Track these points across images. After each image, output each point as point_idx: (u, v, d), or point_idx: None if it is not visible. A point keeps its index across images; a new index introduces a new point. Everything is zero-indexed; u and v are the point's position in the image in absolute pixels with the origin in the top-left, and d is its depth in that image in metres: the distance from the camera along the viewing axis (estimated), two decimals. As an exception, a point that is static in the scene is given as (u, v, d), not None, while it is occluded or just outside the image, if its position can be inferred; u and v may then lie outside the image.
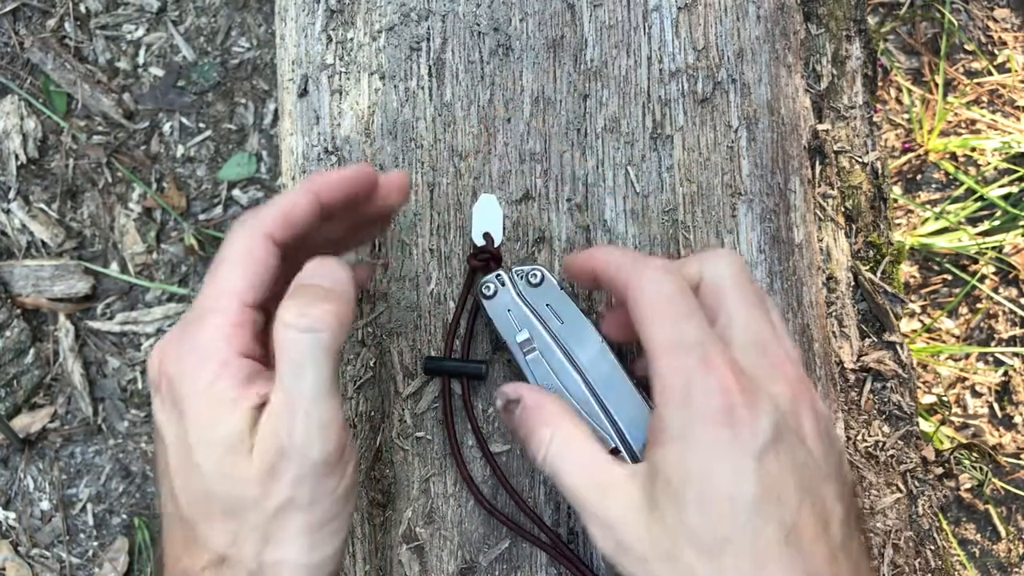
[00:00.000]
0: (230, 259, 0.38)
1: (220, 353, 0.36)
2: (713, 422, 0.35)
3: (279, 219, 0.39)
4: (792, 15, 0.59)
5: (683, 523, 0.34)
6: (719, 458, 0.35)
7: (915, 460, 0.59)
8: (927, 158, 1.20)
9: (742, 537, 0.34)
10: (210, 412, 0.36)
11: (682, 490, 0.35)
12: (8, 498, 1.17)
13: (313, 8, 0.59)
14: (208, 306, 0.38)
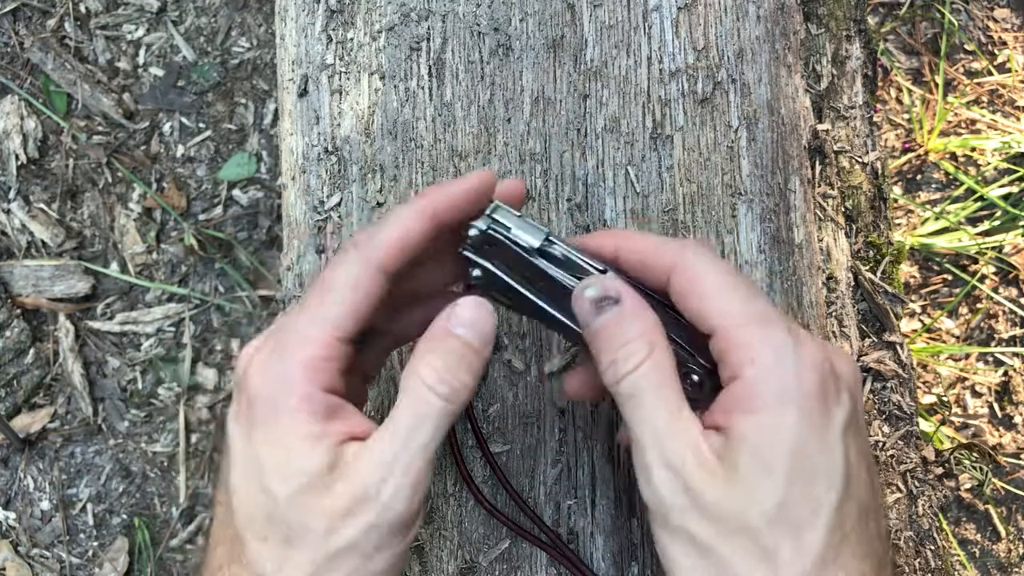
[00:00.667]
0: (337, 287, 0.37)
1: (304, 385, 0.36)
2: (809, 396, 0.35)
3: (394, 249, 0.38)
4: (792, 15, 0.59)
5: (769, 494, 0.34)
6: (813, 433, 0.34)
7: (915, 460, 0.59)
8: (927, 158, 1.20)
9: (827, 515, 0.34)
10: (288, 443, 0.35)
11: (773, 461, 0.34)
12: (8, 498, 1.17)
13: (313, 8, 0.59)
14: (303, 331, 0.37)
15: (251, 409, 0.36)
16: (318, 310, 0.37)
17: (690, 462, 0.35)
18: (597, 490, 0.52)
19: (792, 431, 0.34)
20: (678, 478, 0.35)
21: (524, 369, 0.54)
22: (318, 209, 0.57)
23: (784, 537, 0.33)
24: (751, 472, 0.34)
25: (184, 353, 1.19)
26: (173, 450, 1.17)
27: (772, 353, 0.35)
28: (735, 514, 0.34)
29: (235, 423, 0.37)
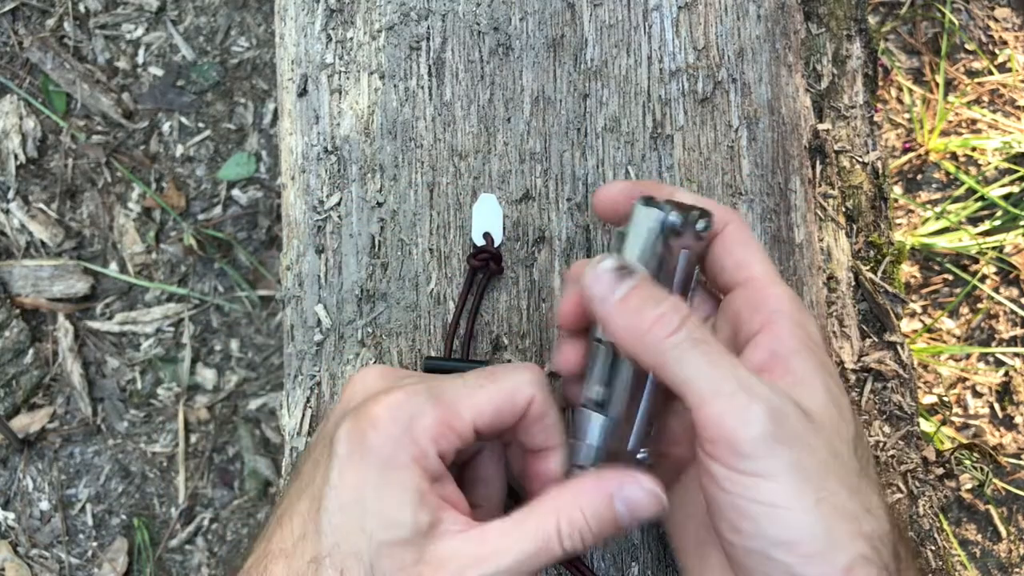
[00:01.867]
0: (506, 387, 0.39)
1: (428, 444, 0.36)
2: (820, 342, 0.39)
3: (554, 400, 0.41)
4: (792, 15, 0.59)
5: (847, 423, 0.37)
6: (843, 399, 0.38)
7: (916, 460, 0.59)
8: (928, 158, 1.20)
9: (866, 468, 0.37)
10: (397, 493, 0.35)
11: (824, 425, 0.36)
12: (7, 498, 1.17)
13: (313, 7, 0.59)
14: (456, 399, 0.38)
15: (366, 441, 0.36)
16: (479, 391, 0.38)
17: (770, 388, 0.35)
18: (597, 491, 0.52)
19: (826, 368, 0.38)
20: (771, 404, 0.35)
21: (524, 369, 0.54)
22: (318, 209, 0.57)
23: (860, 464, 0.37)
24: (826, 407, 0.37)
25: (184, 353, 1.19)
26: (172, 450, 1.17)
27: (795, 306, 0.39)
28: (826, 417, 0.36)
29: (348, 443, 0.37)
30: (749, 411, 0.34)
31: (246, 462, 1.16)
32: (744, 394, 0.35)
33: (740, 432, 0.34)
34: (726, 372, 0.35)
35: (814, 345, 0.39)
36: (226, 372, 1.19)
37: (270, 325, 1.20)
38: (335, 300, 0.56)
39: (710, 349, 0.36)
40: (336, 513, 0.35)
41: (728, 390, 0.35)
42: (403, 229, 0.56)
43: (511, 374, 0.40)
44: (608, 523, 0.37)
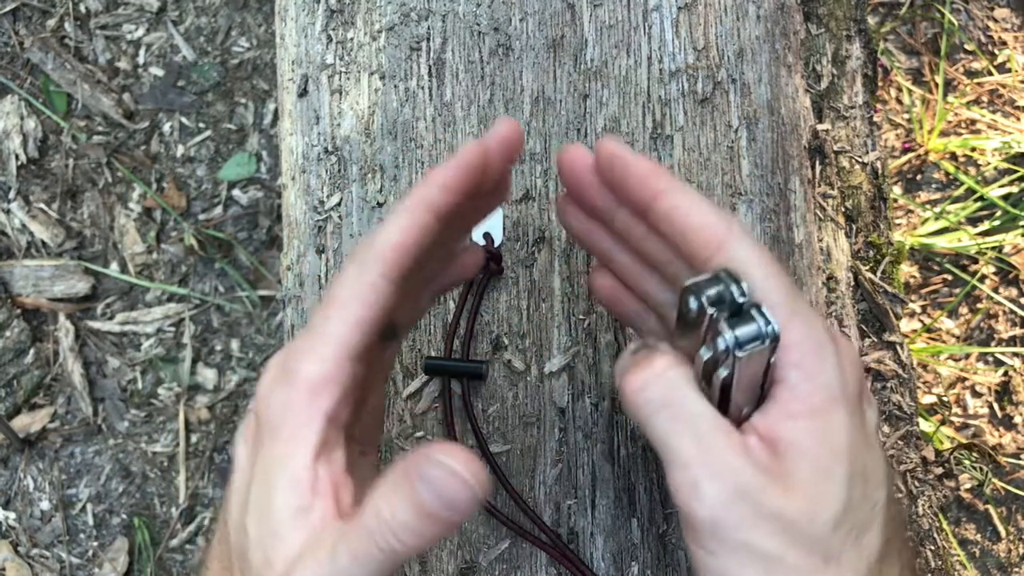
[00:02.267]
0: (339, 303, 0.35)
1: (304, 412, 0.34)
2: (852, 397, 0.34)
3: (393, 255, 0.35)
4: (792, 15, 0.59)
5: (833, 499, 0.33)
6: (859, 433, 0.34)
7: (915, 460, 0.59)
8: (927, 158, 1.20)
9: (881, 513, 0.34)
10: (273, 480, 0.33)
11: (832, 466, 0.33)
12: (8, 498, 1.17)
13: (313, 8, 0.59)
14: (308, 351, 0.35)
15: (257, 433, 0.35)
16: (322, 329, 0.35)
17: (744, 472, 0.32)
18: (597, 490, 0.52)
19: (845, 433, 0.33)
20: (734, 489, 0.32)
21: (524, 369, 0.54)
22: (318, 209, 0.57)
23: (847, 540, 0.33)
24: (811, 478, 0.32)
25: (184, 353, 1.19)
26: (173, 450, 1.17)
27: (816, 355, 0.33)
28: (802, 522, 0.32)
29: (242, 443, 0.36)
30: (700, 488, 0.32)
31: (246, 462, 1.16)
32: (704, 468, 0.33)
33: (693, 507, 0.33)
34: (690, 440, 0.33)
35: (831, 404, 0.33)
36: (227, 372, 1.19)
37: (271, 325, 1.20)
38: (336, 300, 0.56)
39: (678, 413, 0.34)
40: (233, 514, 0.35)
41: (682, 461, 0.33)
42: (403, 229, 0.56)
43: (340, 285, 0.35)
44: (421, 514, 0.30)
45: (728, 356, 0.32)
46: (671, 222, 0.35)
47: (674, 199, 0.35)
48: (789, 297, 0.34)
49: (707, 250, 0.35)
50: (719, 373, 0.33)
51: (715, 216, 0.35)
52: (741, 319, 0.33)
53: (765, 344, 0.32)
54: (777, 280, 0.34)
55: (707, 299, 0.33)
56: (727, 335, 0.32)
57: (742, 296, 0.33)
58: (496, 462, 0.52)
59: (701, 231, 0.35)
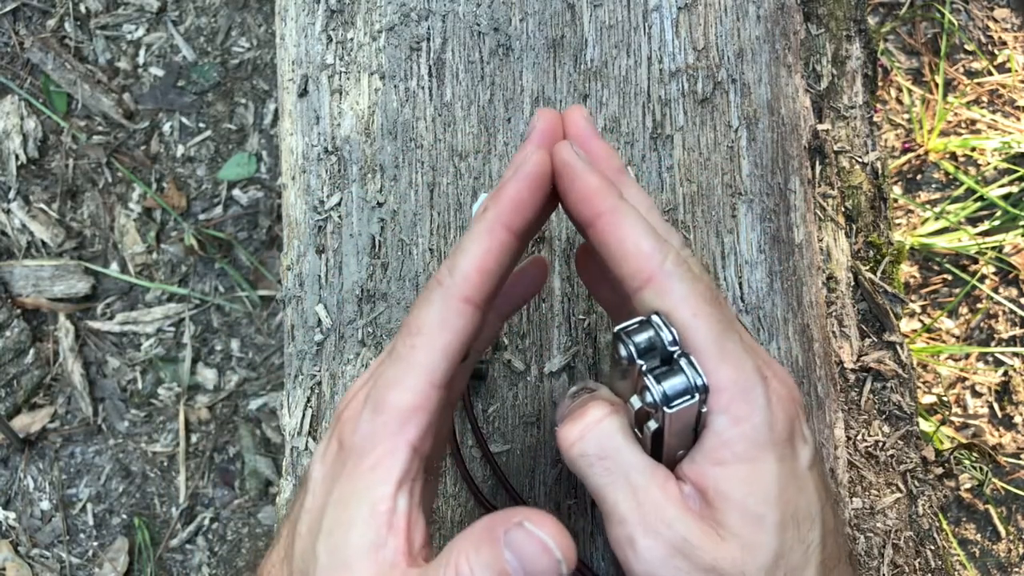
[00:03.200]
0: (425, 330, 0.34)
1: (389, 442, 0.33)
2: (781, 441, 0.33)
3: (476, 277, 0.34)
4: (792, 15, 0.59)
5: (764, 547, 0.32)
6: (790, 476, 0.33)
7: (915, 460, 0.59)
8: (927, 158, 1.20)
9: (816, 554, 0.34)
10: (351, 514, 0.33)
11: (762, 513, 0.33)
12: (8, 498, 1.17)
13: (313, 8, 0.59)
14: (395, 381, 0.34)
15: (338, 459, 0.35)
16: (409, 357, 0.34)
17: (679, 526, 0.33)
18: (597, 490, 0.52)
19: (773, 479, 0.33)
20: (669, 545, 0.32)
21: (524, 369, 0.54)
22: (318, 209, 0.57)
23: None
24: (742, 527, 0.32)
25: (184, 353, 1.19)
26: (173, 450, 1.17)
27: (744, 401, 0.33)
28: (733, 572, 0.32)
29: (319, 465, 0.35)
30: (637, 545, 0.33)
31: (247, 462, 1.16)
32: (639, 524, 0.33)
33: (631, 562, 0.33)
34: (624, 494, 0.33)
35: (758, 449, 0.33)
36: (227, 372, 1.19)
37: (270, 325, 1.20)
38: (335, 300, 0.56)
39: (612, 466, 0.34)
40: (303, 535, 0.35)
41: (619, 516, 0.33)
42: (403, 229, 0.56)
43: (424, 310, 0.34)
44: None
45: (657, 410, 0.32)
46: (606, 246, 0.35)
47: (611, 223, 0.34)
48: (718, 338, 0.33)
49: (637, 280, 0.34)
50: (650, 424, 0.33)
51: (649, 245, 0.34)
52: (670, 370, 0.32)
53: (695, 398, 0.32)
54: (706, 319, 0.33)
55: (636, 347, 0.33)
56: (655, 391, 0.32)
57: (673, 345, 0.33)
58: (496, 462, 0.52)
59: (633, 259, 0.34)
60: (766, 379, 0.34)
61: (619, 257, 0.34)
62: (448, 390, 0.35)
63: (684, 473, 0.34)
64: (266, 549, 0.39)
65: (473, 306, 0.34)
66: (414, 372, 0.34)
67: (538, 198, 0.35)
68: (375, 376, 0.35)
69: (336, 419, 0.36)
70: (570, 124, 0.38)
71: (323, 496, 0.34)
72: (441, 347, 0.34)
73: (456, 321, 0.34)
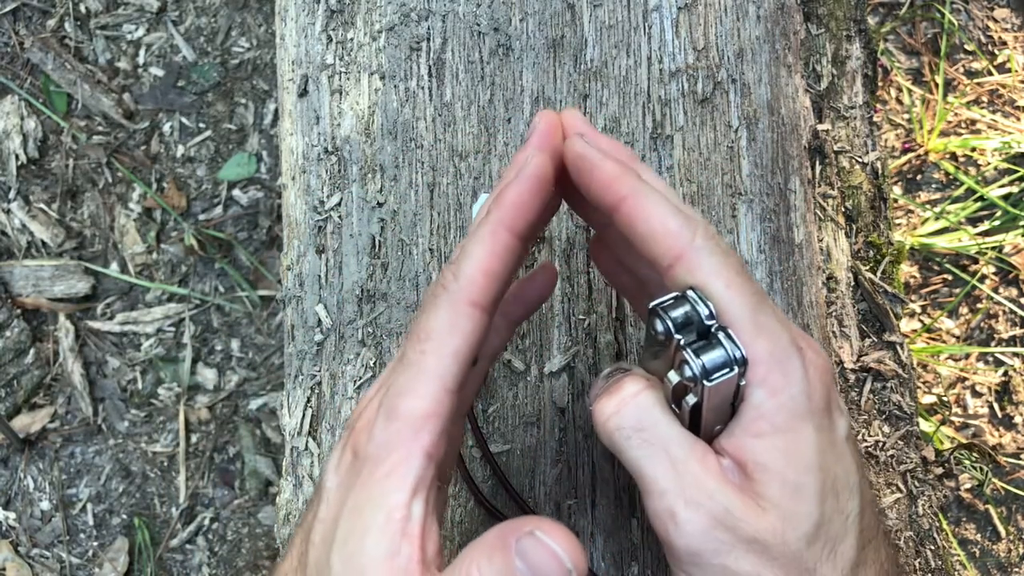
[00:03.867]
0: (434, 335, 0.34)
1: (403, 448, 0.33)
2: (819, 411, 0.33)
3: (482, 281, 0.34)
4: (792, 15, 0.59)
5: (805, 516, 0.33)
6: (828, 446, 0.34)
7: (915, 460, 0.59)
8: (927, 158, 1.20)
9: (855, 524, 0.34)
10: (365, 522, 0.33)
11: (802, 483, 0.33)
12: (8, 498, 1.17)
13: (313, 8, 0.59)
14: (407, 388, 0.34)
15: (352, 468, 0.35)
16: (420, 363, 0.34)
17: (720, 497, 0.33)
18: (597, 490, 0.52)
19: (812, 449, 0.33)
20: (711, 517, 0.32)
21: (524, 369, 0.54)
22: (318, 209, 0.57)
23: (823, 553, 0.33)
24: (783, 498, 0.33)
25: (184, 353, 1.19)
26: (173, 450, 1.17)
27: (781, 372, 0.33)
28: (775, 542, 0.32)
29: (335, 475, 0.35)
30: (678, 517, 0.33)
31: (247, 462, 1.16)
32: (680, 497, 0.33)
33: (672, 536, 0.33)
34: (664, 467, 0.33)
35: (797, 420, 0.33)
36: (227, 372, 1.19)
37: (271, 325, 1.20)
38: (335, 300, 0.56)
39: (651, 438, 0.34)
40: (316, 544, 0.35)
41: (659, 489, 0.33)
42: (403, 229, 0.56)
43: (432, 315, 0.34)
44: None
45: (696, 384, 0.32)
46: (633, 228, 0.35)
47: (636, 205, 0.34)
48: (753, 310, 0.33)
49: (667, 258, 0.34)
50: (688, 399, 0.33)
51: (677, 223, 0.34)
52: (708, 344, 0.33)
53: (734, 371, 0.32)
54: (740, 291, 0.33)
55: (673, 322, 0.33)
56: (694, 364, 0.32)
57: (710, 319, 0.33)
58: (496, 462, 0.52)
59: (662, 239, 0.34)
60: (801, 350, 0.34)
61: (648, 237, 0.34)
62: (460, 395, 0.35)
63: (722, 447, 0.34)
64: (265, 546, 0.39)
65: (480, 309, 0.34)
66: (425, 378, 0.34)
67: (540, 200, 0.35)
68: (386, 384, 0.35)
69: (349, 430, 0.36)
70: (570, 126, 0.38)
71: (337, 505, 0.34)
72: (451, 352, 0.34)
73: (464, 325, 0.34)
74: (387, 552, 0.32)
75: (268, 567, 1.12)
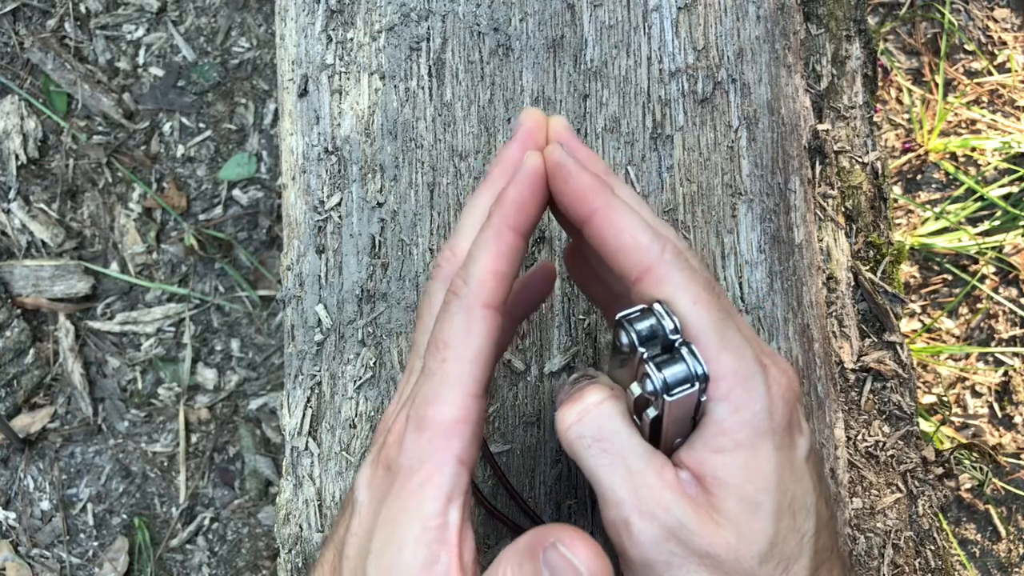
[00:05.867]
0: (452, 343, 0.34)
1: (434, 459, 0.33)
2: (779, 430, 0.34)
3: (492, 282, 0.34)
4: (792, 15, 0.59)
5: (760, 533, 0.33)
6: (787, 466, 0.34)
7: (915, 460, 0.59)
8: (927, 158, 1.20)
9: (810, 543, 0.34)
10: (401, 533, 0.33)
11: (758, 500, 0.33)
12: (8, 498, 1.17)
13: (313, 8, 0.59)
14: (434, 396, 0.34)
15: (385, 481, 0.35)
16: (442, 371, 0.34)
17: (676, 510, 0.33)
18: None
19: (772, 467, 0.33)
20: (665, 529, 0.33)
21: (524, 369, 0.54)
22: (318, 209, 0.57)
23: (775, 572, 0.33)
24: (739, 513, 0.33)
25: (184, 353, 1.19)
26: (173, 450, 1.17)
27: (744, 389, 0.33)
28: (728, 558, 0.33)
29: (368, 489, 0.36)
30: (632, 528, 0.33)
31: (247, 462, 1.16)
32: (635, 507, 0.33)
33: (625, 546, 0.34)
34: (621, 477, 0.33)
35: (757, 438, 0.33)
36: (227, 372, 1.19)
37: (271, 325, 1.20)
38: (335, 300, 0.56)
39: (609, 448, 0.34)
40: (351, 557, 0.35)
41: (615, 499, 0.34)
42: (403, 229, 0.56)
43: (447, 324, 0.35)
44: None
45: (657, 398, 0.32)
46: (603, 241, 0.35)
47: (607, 218, 0.35)
48: (719, 326, 0.33)
49: (635, 271, 0.34)
50: (649, 411, 0.33)
51: (647, 237, 0.34)
52: (671, 359, 0.33)
53: (695, 387, 0.32)
54: (706, 307, 0.33)
55: (638, 335, 0.33)
56: (656, 378, 0.32)
57: (674, 333, 0.33)
58: (496, 462, 0.52)
59: (632, 252, 0.34)
60: (766, 368, 0.34)
61: (617, 250, 0.35)
62: (486, 397, 0.35)
63: (682, 460, 0.34)
64: (265, 546, 0.39)
65: (493, 310, 0.34)
66: (450, 385, 0.34)
67: (538, 197, 0.36)
68: (412, 397, 0.35)
69: (379, 445, 0.36)
70: (553, 132, 0.39)
71: (371, 518, 0.34)
72: (471, 356, 0.34)
73: (481, 328, 0.34)
74: (425, 561, 0.32)
75: (268, 567, 1.12)
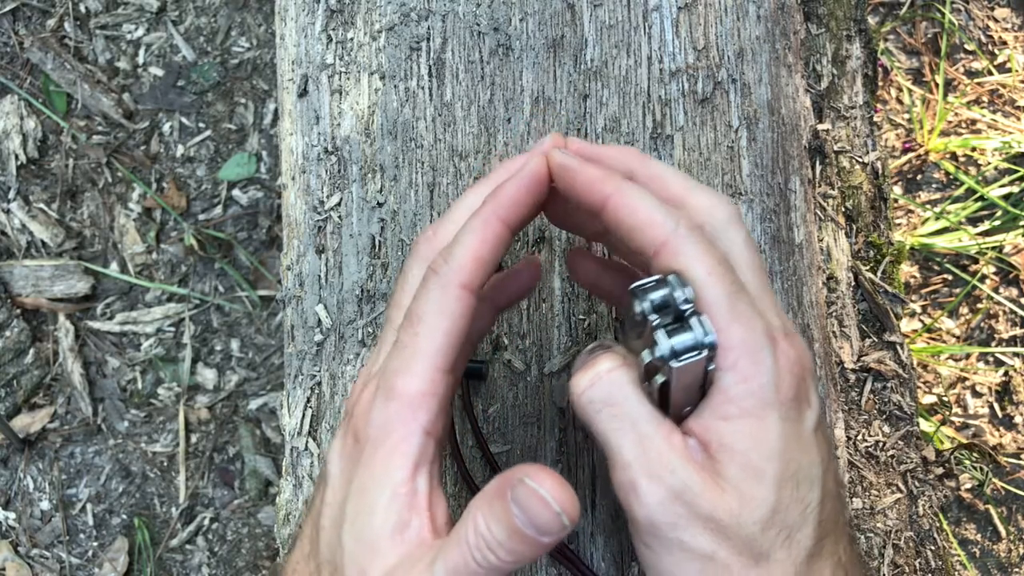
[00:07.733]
0: (426, 319, 0.35)
1: (402, 429, 0.35)
2: (787, 401, 0.34)
3: (472, 266, 0.36)
4: (792, 15, 0.59)
5: (762, 500, 0.33)
6: (793, 436, 0.34)
7: (915, 460, 0.59)
8: (927, 158, 1.20)
9: (814, 514, 0.35)
10: (373, 498, 0.34)
11: (762, 467, 0.34)
12: (8, 498, 1.17)
13: (313, 8, 0.59)
14: (403, 369, 0.35)
15: (355, 450, 0.36)
16: (413, 345, 0.35)
17: (681, 473, 0.34)
18: (597, 490, 0.52)
19: (776, 437, 0.34)
20: (670, 490, 0.34)
21: (524, 369, 0.54)
22: (318, 209, 0.57)
23: (777, 539, 0.34)
24: (742, 480, 0.34)
25: (184, 353, 1.19)
26: (173, 450, 1.17)
27: (752, 358, 0.34)
28: (730, 522, 0.33)
29: (340, 460, 0.37)
30: (639, 489, 0.34)
31: (247, 462, 1.16)
32: (642, 469, 0.34)
33: (632, 507, 0.34)
34: (630, 440, 0.34)
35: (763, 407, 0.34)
36: (227, 372, 1.19)
37: (270, 325, 1.20)
38: (335, 300, 0.56)
39: (619, 412, 0.35)
40: (327, 528, 0.36)
41: (623, 461, 0.34)
42: (403, 229, 0.56)
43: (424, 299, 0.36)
44: (514, 534, 0.32)
45: (665, 364, 0.33)
46: (618, 221, 0.36)
47: (621, 200, 0.36)
48: (731, 298, 0.34)
49: (653, 246, 0.35)
50: (658, 378, 0.34)
51: (660, 214, 0.35)
52: (681, 327, 0.34)
53: (702, 354, 0.33)
54: (720, 279, 0.34)
55: (651, 304, 0.34)
56: (663, 345, 0.33)
57: (687, 303, 0.34)
58: (496, 462, 0.52)
59: (648, 228, 0.35)
60: (775, 340, 0.35)
61: (635, 229, 0.36)
62: (454, 374, 0.36)
63: (689, 428, 0.35)
64: (265, 546, 0.40)
65: (469, 291, 0.36)
66: (420, 359, 0.35)
67: (535, 198, 0.38)
68: (382, 368, 0.37)
69: (347, 415, 0.37)
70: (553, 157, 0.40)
71: (343, 488, 0.36)
72: (443, 332, 0.35)
73: (455, 306, 0.35)
74: (396, 525, 0.34)
75: (268, 567, 1.12)
